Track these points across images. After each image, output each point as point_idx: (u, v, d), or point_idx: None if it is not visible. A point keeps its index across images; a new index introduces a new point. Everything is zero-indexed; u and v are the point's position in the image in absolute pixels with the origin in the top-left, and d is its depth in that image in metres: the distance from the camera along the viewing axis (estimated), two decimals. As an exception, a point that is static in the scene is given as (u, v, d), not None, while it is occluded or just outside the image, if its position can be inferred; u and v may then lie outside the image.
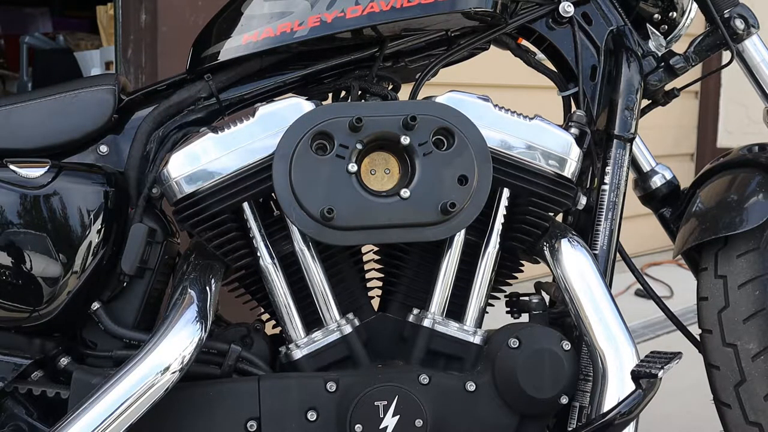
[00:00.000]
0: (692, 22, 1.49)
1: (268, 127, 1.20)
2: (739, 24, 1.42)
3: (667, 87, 1.46)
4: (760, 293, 1.34)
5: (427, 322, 1.27)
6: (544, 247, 1.30)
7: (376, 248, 1.37)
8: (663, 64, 1.41)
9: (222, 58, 1.29)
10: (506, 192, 1.28)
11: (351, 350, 1.27)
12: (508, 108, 1.28)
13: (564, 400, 1.27)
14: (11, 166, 1.18)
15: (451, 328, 1.28)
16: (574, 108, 1.40)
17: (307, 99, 1.24)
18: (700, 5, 1.44)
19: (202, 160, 1.20)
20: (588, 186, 1.37)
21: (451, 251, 1.27)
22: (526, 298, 1.37)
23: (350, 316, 1.28)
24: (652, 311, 1.69)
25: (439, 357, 1.29)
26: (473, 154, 1.20)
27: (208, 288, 1.20)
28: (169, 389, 1.15)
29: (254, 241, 1.24)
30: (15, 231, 1.17)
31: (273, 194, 1.21)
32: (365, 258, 1.36)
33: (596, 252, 1.33)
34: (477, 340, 1.29)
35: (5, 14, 4.71)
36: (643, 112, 1.45)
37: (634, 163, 1.56)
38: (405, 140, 1.18)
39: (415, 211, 1.18)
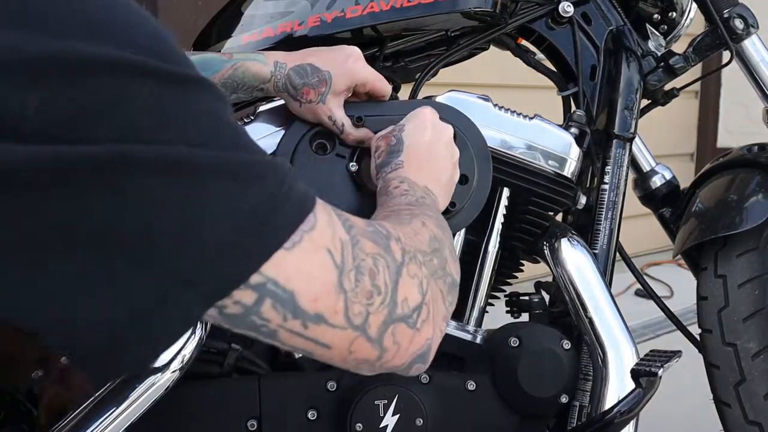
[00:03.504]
0: (692, 22, 1.49)
1: (268, 127, 1.20)
2: (739, 24, 1.42)
3: (667, 87, 1.46)
4: (760, 293, 1.34)
5: (427, 322, 1.27)
6: (544, 247, 1.30)
7: (376, 248, 1.37)
8: (662, 64, 1.41)
9: (222, 57, 1.29)
10: (506, 192, 1.28)
11: (351, 350, 1.27)
12: (508, 108, 1.29)
13: (564, 399, 1.27)
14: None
15: (451, 328, 1.28)
16: (574, 108, 1.40)
17: (307, 99, 1.24)
18: (699, 5, 1.44)
19: (202, 160, 1.20)
20: (588, 185, 1.37)
21: (451, 251, 1.27)
22: (526, 298, 1.37)
23: (350, 315, 1.28)
24: (652, 311, 1.69)
25: (439, 356, 1.28)
26: (473, 154, 1.20)
27: (208, 288, 1.20)
28: (169, 389, 1.15)
29: (254, 241, 1.24)
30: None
31: (273, 194, 1.21)
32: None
33: (596, 251, 1.33)
34: (477, 339, 1.29)
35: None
36: (643, 112, 1.45)
37: (634, 163, 1.57)
38: (405, 140, 1.18)
39: (415, 211, 1.18)
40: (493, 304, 1.37)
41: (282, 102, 1.23)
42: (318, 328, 0.68)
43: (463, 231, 1.26)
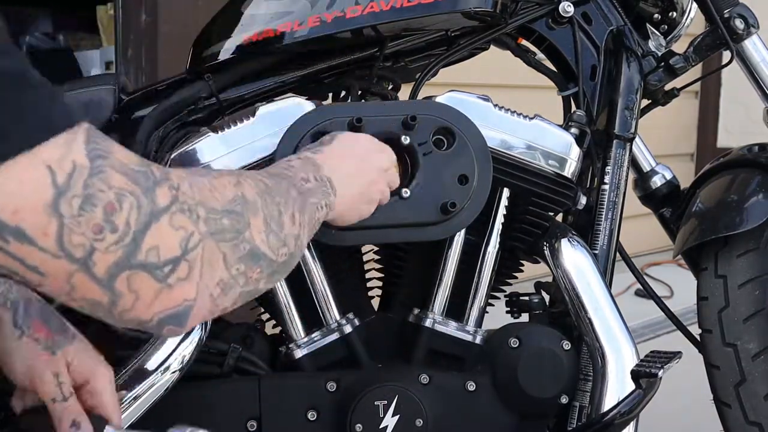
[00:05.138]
0: (692, 22, 1.49)
1: (268, 127, 1.20)
2: (739, 24, 1.42)
3: (667, 87, 1.46)
4: (760, 293, 1.34)
5: (427, 322, 1.27)
6: (544, 247, 1.30)
7: (376, 248, 1.37)
8: (663, 64, 1.41)
9: (222, 58, 1.29)
10: (506, 192, 1.28)
11: (351, 350, 1.27)
12: (508, 108, 1.28)
13: (564, 400, 1.27)
14: (11, 166, 1.18)
15: (451, 328, 1.28)
16: (574, 108, 1.40)
17: (307, 99, 1.24)
18: (700, 5, 1.44)
19: (202, 160, 1.20)
20: (588, 186, 1.37)
21: (451, 251, 1.27)
22: (526, 298, 1.37)
23: (350, 316, 1.28)
24: (652, 311, 1.68)
25: (439, 357, 1.29)
26: (473, 154, 1.20)
27: (208, 288, 1.20)
28: (169, 389, 1.15)
29: (254, 241, 1.24)
30: (15, 231, 1.17)
31: (273, 194, 1.21)
32: (365, 258, 1.36)
33: (596, 252, 1.33)
34: (477, 340, 1.29)
35: (5, 14, 4.71)
36: (643, 112, 1.45)
37: (634, 163, 1.56)
38: (405, 140, 1.18)
39: (415, 211, 1.18)
40: (493, 304, 1.37)
41: (282, 102, 1.23)
42: (21, 246, 0.64)
43: (463, 231, 1.26)
